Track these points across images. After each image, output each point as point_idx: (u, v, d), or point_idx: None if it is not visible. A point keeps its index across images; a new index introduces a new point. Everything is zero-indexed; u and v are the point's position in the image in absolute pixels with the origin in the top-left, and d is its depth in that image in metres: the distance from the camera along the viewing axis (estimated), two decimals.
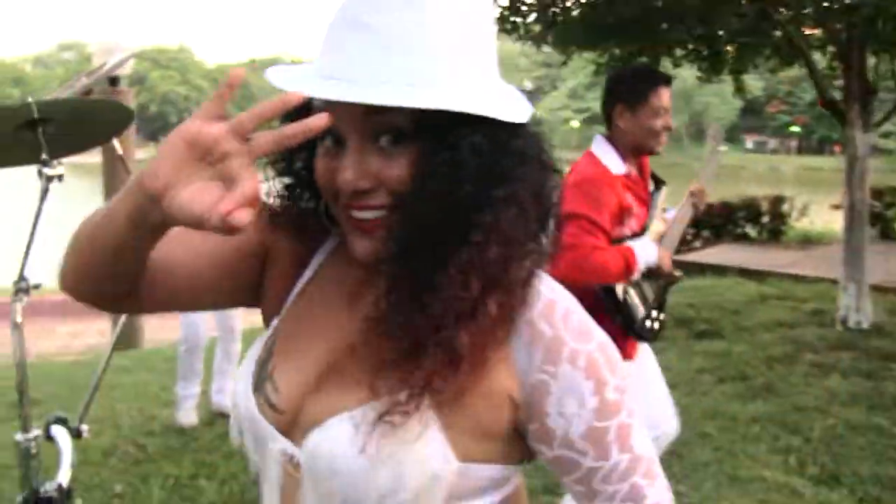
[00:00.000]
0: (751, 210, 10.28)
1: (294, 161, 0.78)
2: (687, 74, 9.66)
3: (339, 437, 0.71)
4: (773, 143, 61.02)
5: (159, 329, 6.22)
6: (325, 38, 0.70)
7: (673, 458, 3.41)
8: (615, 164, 2.30)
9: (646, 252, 2.24)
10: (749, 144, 59.88)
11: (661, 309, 2.39)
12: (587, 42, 6.18)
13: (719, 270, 8.00)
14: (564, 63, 6.76)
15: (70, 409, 1.88)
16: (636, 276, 2.24)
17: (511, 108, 0.70)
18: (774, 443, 3.62)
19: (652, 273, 2.30)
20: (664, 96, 2.29)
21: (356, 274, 0.76)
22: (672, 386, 4.39)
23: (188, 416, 3.95)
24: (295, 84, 0.67)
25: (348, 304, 0.77)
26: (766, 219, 10.32)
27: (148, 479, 3.20)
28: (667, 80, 2.34)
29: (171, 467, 3.33)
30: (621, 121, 2.30)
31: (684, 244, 8.81)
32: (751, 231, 10.30)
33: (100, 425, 3.78)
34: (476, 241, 0.67)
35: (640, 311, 2.30)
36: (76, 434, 1.74)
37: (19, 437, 1.37)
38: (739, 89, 7.24)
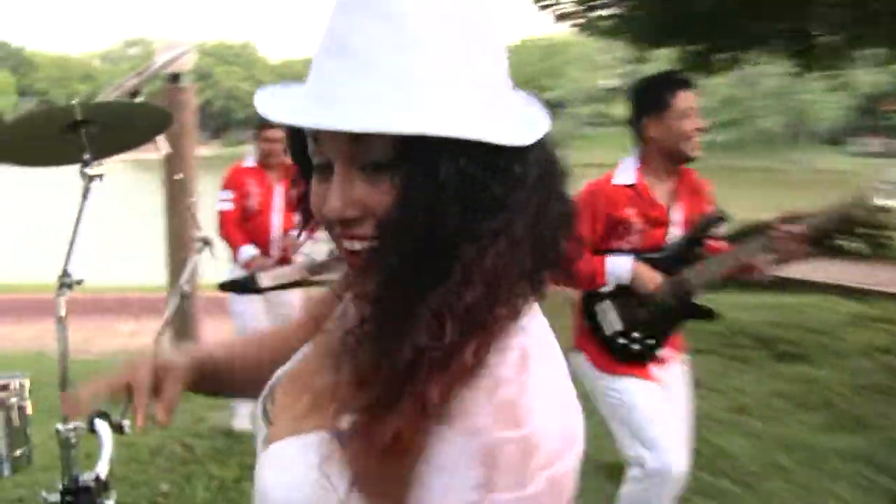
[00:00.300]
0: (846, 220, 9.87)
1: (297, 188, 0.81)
2: (779, 70, 9.37)
3: (277, 457, 0.76)
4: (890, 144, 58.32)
5: (216, 327, 6.48)
6: (313, 61, 0.71)
7: (742, 489, 3.37)
8: (624, 175, 2.44)
9: (618, 268, 2.38)
10: (861, 147, 57.38)
11: (651, 335, 2.45)
12: (660, 38, 6.11)
13: (809, 287, 7.77)
14: (639, 60, 6.72)
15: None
16: (605, 287, 2.41)
17: (511, 127, 0.68)
18: (861, 481, 3.47)
19: (638, 295, 2.40)
20: (687, 98, 2.40)
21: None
22: (744, 410, 4.36)
23: (242, 422, 4.11)
24: (273, 108, 0.70)
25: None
26: (865, 230, 9.93)
27: (193, 479, 3.38)
28: (685, 83, 2.46)
29: (216, 469, 3.51)
30: (652, 131, 2.43)
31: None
32: (848, 244, 9.93)
33: (148, 424, 3.99)
34: (456, 279, 0.65)
35: (616, 325, 2.43)
36: (118, 429, 1.88)
37: (60, 427, 1.51)
38: (841, 87, 7.00)
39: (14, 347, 6.42)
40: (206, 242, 2.51)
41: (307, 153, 0.74)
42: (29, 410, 1.52)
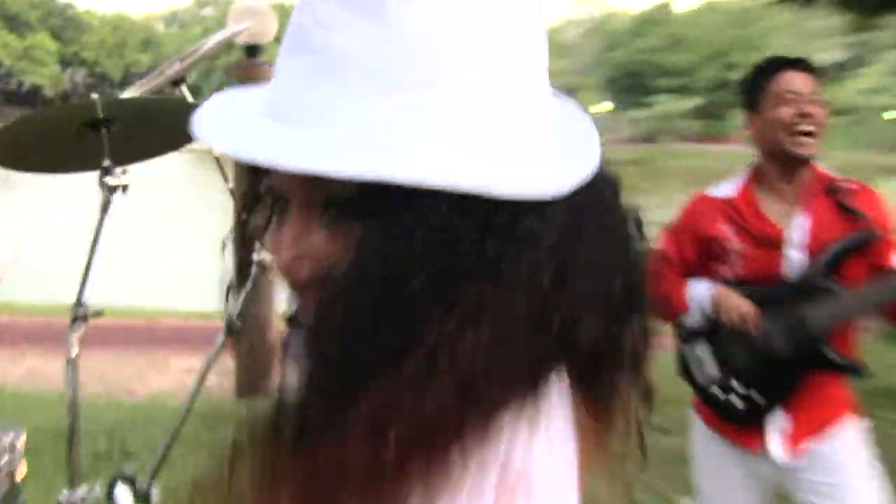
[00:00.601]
0: None
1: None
2: None
3: None
4: None
5: None
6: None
7: None
8: (724, 187, 2.48)
9: (698, 292, 2.40)
10: None
11: (761, 389, 2.39)
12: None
13: None
14: (861, 29, 6.46)
15: (168, 465, 2.11)
16: (688, 319, 2.43)
17: (525, 169, 0.64)
18: None
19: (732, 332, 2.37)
20: (791, 80, 2.39)
21: None
22: None
23: None
24: (207, 126, 0.69)
25: None
26: None
27: None
28: (794, 64, 2.43)
29: None
30: (751, 127, 2.47)
31: None
32: None
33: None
34: (414, 368, 0.59)
35: (709, 370, 2.43)
36: (144, 497, 1.97)
37: (64, 495, 1.59)
38: None
39: (36, 386, 6.58)
40: (264, 267, 2.59)
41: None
42: (21, 475, 1.59)
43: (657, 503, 4.24)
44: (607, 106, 62.49)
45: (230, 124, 0.68)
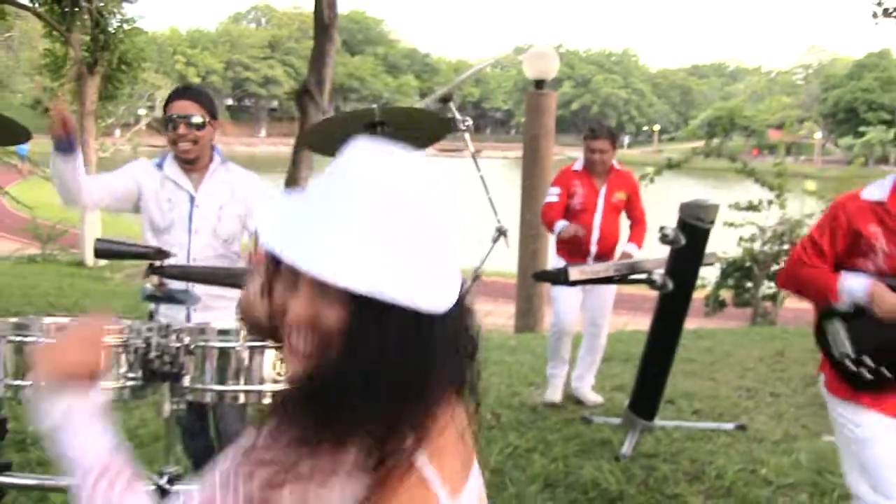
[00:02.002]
0: None
1: None
2: None
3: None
4: None
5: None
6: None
7: None
8: (876, 190, 2.22)
9: (854, 287, 2.17)
10: None
11: (881, 360, 2.19)
12: None
13: None
14: None
15: None
16: (839, 305, 2.22)
17: (445, 293, 0.83)
18: None
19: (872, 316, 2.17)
20: None
21: None
22: None
23: (554, 393, 4.55)
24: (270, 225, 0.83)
25: None
26: None
27: (492, 443, 3.74)
28: None
29: (514, 437, 3.86)
30: None
31: None
32: None
33: None
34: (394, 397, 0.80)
35: (843, 348, 2.24)
36: None
37: None
38: None
39: None
40: (502, 232, 2.81)
41: None
42: None
43: (808, 437, 4.06)
44: (818, 136, 62.44)
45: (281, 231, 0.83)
